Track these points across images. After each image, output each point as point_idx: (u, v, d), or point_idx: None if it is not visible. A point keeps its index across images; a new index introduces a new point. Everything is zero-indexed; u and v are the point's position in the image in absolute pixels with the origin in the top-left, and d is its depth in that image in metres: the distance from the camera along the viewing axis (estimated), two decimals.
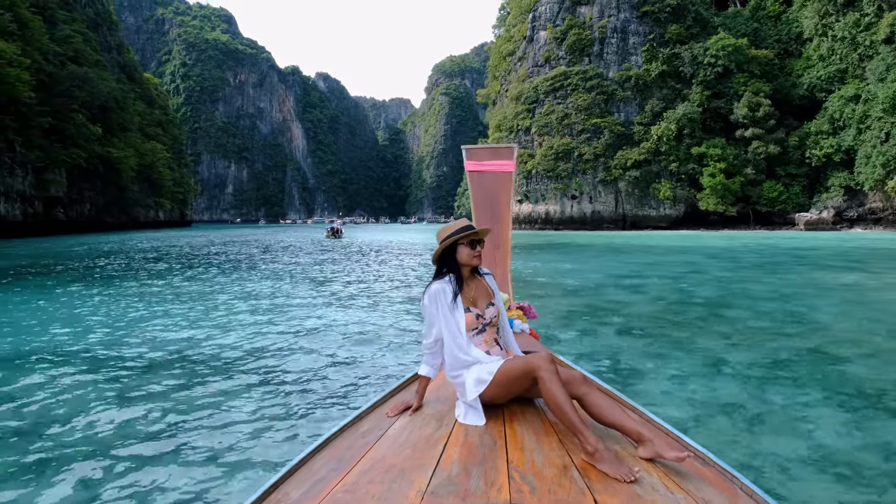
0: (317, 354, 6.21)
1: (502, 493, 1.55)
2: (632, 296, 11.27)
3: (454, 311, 2.38)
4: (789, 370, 5.50)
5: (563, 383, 2.01)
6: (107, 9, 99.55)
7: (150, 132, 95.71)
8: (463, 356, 2.34)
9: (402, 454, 1.88)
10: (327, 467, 1.82)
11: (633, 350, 6.48)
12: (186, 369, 5.62)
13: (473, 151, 4.78)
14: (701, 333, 7.38)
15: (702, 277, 14.76)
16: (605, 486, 1.62)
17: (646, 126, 68.57)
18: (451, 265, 2.46)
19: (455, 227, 2.48)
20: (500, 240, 4.57)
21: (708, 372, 5.46)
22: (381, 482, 1.66)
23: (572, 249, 29.35)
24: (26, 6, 57.64)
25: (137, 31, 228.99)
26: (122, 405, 4.50)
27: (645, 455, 1.83)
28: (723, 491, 1.64)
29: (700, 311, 9.32)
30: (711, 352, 6.31)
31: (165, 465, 3.38)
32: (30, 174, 51.12)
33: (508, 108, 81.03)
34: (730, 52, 63.93)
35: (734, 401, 4.51)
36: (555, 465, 1.76)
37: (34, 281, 13.88)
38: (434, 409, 2.38)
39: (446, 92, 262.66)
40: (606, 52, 72.49)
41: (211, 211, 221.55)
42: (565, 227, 70.13)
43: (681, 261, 20.60)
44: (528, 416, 2.23)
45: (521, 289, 12.16)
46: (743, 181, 61.91)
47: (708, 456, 1.87)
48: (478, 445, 1.94)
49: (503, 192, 4.67)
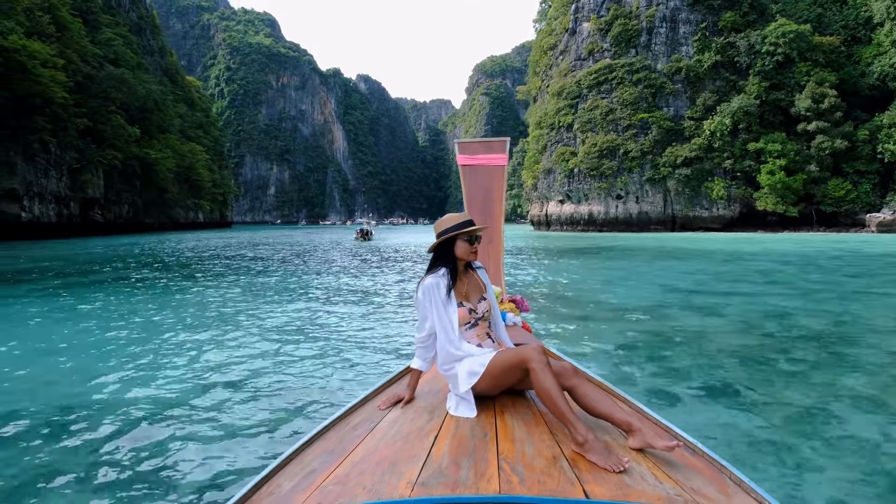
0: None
1: (492, 484, 1.56)
2: (708, 320, 8.45)
3: (447, 305, 2.38)
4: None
5: (554, 375, 2.01)
6: (150, 13, 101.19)
7: (191, 134, 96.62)
8: (455, 351, 2.33)
9: (393, 446, 1.88)
10: (319, 460, 1.82)
11: (747, 429, 3.78)
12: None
13: (465, 145, 4.79)
14: (835, 391, 4.59)
15: (791, 292, 11.70)
16: (594, 476, 1.64)
17: (697, 121, 64.09)
18: (448, 259, 2.45)
19: (455, 221, 2.44)
20: (492, 234, 4.56)
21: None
22: (372, 474, 1.66)
23: (620, 254, 26.25)
24: (67, 9, 58.12)
25: (184, 36, 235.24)
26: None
27: (635, 445, 1.85)
28: (712, 480, 1.67)
29: (817, 350, 6.46)
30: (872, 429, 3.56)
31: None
32: (65, 175, 51.03)
33: (549, 104, 77.61)
34: (791, 40, 58.93)
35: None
36: (545, 456, 1.77)
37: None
38: (426, 402, 2.37)
39: (487, 92, 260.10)
40: (654, 42, 68.16)
41: (253, 212, 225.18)
42: (609, 228, 66.34)
43: (752, 269, 17.39)
44: (518, 408, 2.22)
45: (561, 309, 9.53)
46: (805, 179, 57.00)
47: (697, 446, 1.90)
48: (468, 437, 1.94)
49: (496, 185, 4.66)
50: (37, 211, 46.61)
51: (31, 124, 45.31)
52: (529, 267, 18.99)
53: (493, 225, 4.55)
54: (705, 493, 1.58)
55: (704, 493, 1.57)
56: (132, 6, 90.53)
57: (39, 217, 46.88)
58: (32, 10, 49.76)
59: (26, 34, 45.43)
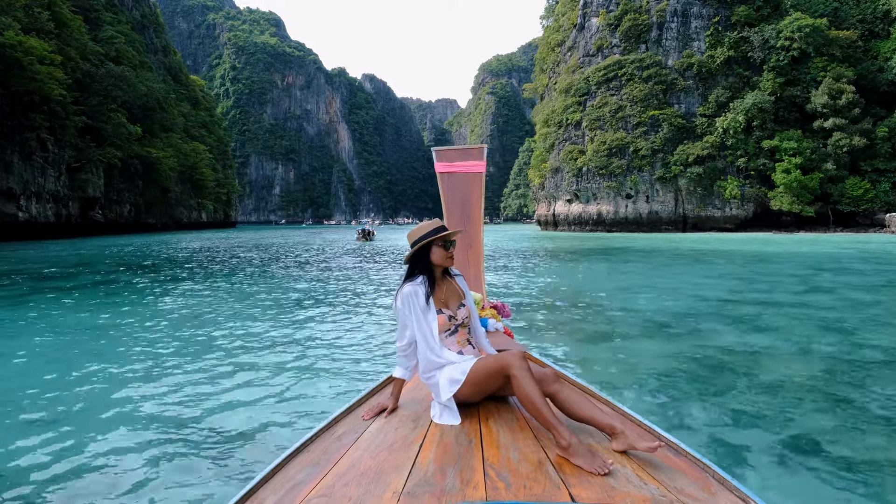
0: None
1: (478, 490, 1.59)
2: (754, 339, 7.11)
3: (426, 313, 2.35)
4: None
5: (536, 381, 2.01)
6: (153, 11, 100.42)
7: (195, 133, 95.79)
8: (435, 358, 2.31)
9: (378, 456, 1.88)
10: (303, 472, 1.80)
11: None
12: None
13: (443, 153, 4.75)
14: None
15: (838, 303, 10.32)
16: (579, 479, 1.66)
17: (709, 118, 62.33)
18: (424, 266, 2.42)
19: (428, 228, 2.43)
20: (472, 240, 4.54)
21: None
22: (358, 485, 1.66)
23: (634, 256, 24.84)
24: (67, 6, 57.23)
25: (190, 36, 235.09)
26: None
27: (618, 448, 1.86)
28: (695, 479, 1.68)
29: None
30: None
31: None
32: (63, 174, 50.04)
33: (557, 101, 76.04)
34: (807, 34, 57.10)
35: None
36: (530, 461, 1.78)
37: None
38: (409, 411, 2.35)
39: (493, 91, 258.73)
40: (665, 37, 66.43)
41: (258, 212, 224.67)
42: (619, 228, 64.72)
43: (783, 273, 15.98)
44: (502, 414, 2.22)
45: (579, 325, 8.22)
46: (822, 178, 55.13)
47: (680, 446, 1.90)
48: (453, 445, 1.95)
49: (474, 192, 4.60)
50: (34, 210, 45.63)
51: (28, 122, 44.36)
52: (537, 271, 17.67)
53: (473, 231, 4.52)
54: (689, 492, 1.59)
55: (689, 492, 1.59)
56: (135, 4, 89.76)
57: (37, 217, 45.89)
58: (31, 6, 48.87)
59: (24, 31, 44.50)
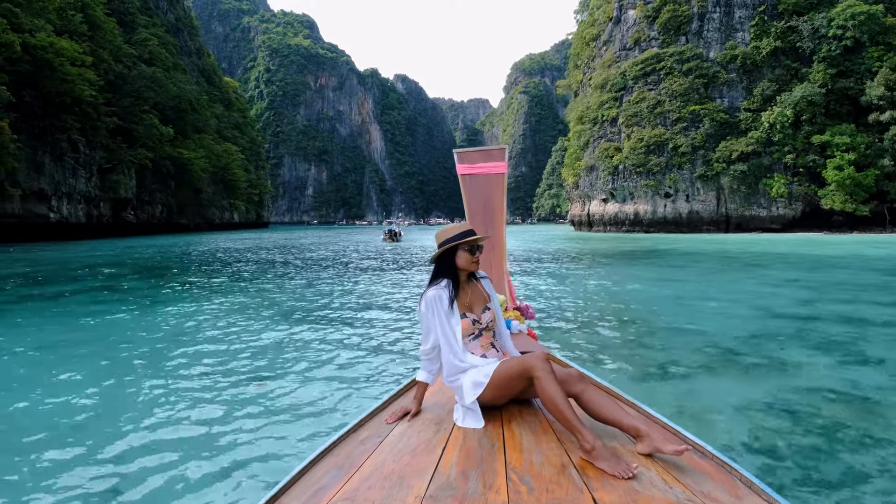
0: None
1: (500, 494, 1.57)
2: (854, 373, 5.35)
3: (450, 317, 2.34)
4: None
5: (560, 382, 2.00)
6: (188, 14, 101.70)
7: (227, 134, 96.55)
8: (458, 362, 2.30)
9: (401, 460, 1.88)
10: (328, 476, 1.81)
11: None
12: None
13: (464, 154, 4.73)
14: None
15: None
16: (602, 483, 1.64)
17: (754, 112, 58.99)
18: (449, 269, 2.41)
19: (456, 231, 2.41)
20: (495, 242, 4.53)
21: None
22: (381, 488, 1.66)
23: (679, 260, 22.83)
24: (101, 9, 57.75)
25: (225, 39, 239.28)
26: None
27: (643, 451, 1.83)
28: (722, 483, 1.65)
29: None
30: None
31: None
32: (94, 175, 50.34)
33: (592, 97, 73.54)
34: (861, 22, 53.46)
35: None
36: (553, 465, 1.77)
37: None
38: (432, 414, 2.35)
39: (525, 90, 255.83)
40: (707, 29, 63.30)
41: (292, 213, 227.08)
42: (657, 229, 61.97)
43: (858, 281, 13.90)
44: (526, 417, 2.22)
45: (634, 350, 6.60)
46: (878, 175, 51.41)
47: (706, 448, 1.87)
48: (476, 448, 1.94)
49: (497, 193, 4.60)
50: (65, 211, 45.89)
51: (60, 123, 44.62)
52: (573, 277, 15.97)
53: (496, 233, 4.54)
54: (716, 496, 1.56)
55: (715, 496, 1.56)
56: (170, 7, 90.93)
57: (68, 217, 46.15)
58: (65, 9, 49.28)
59: (57, 33, 44.74)
